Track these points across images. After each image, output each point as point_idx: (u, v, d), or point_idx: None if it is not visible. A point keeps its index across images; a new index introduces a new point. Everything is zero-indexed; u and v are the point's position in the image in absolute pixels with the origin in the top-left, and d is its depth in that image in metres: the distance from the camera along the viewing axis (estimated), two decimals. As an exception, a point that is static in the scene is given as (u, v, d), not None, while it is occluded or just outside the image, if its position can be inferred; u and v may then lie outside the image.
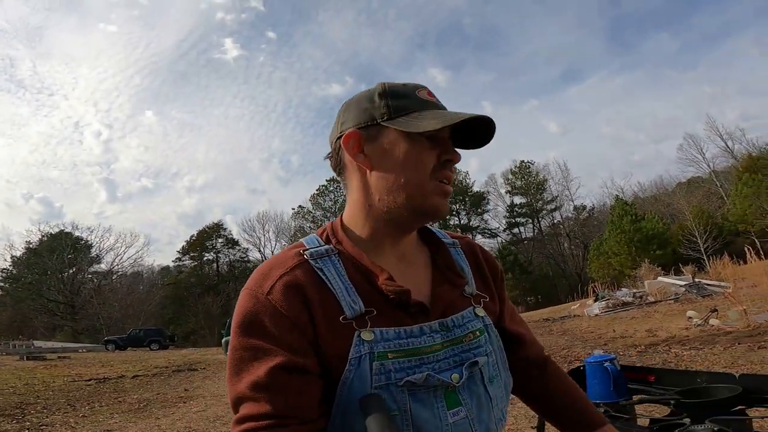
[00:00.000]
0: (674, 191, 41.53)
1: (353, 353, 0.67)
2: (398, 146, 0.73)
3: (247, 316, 0.68)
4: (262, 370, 0.65)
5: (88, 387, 9.79)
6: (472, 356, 0.74)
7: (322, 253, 0.74)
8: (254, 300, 0.69)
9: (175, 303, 44.90)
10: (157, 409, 7.18)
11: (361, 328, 0.68)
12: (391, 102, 0.74)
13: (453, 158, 0.75)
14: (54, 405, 7.51)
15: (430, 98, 0.76)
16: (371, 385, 0.66)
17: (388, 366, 0.67)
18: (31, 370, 12.78)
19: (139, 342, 27.17)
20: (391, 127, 0.72)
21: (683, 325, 9.92)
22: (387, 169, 0.73)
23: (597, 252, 35.20)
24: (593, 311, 16.27)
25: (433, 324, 0.72)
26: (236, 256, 50.88)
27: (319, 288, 0.70)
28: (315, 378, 0.67)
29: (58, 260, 41.68)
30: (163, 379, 11.32)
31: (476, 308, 0.79)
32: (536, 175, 49.69)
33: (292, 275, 0.70)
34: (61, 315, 41.17)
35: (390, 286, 0.70)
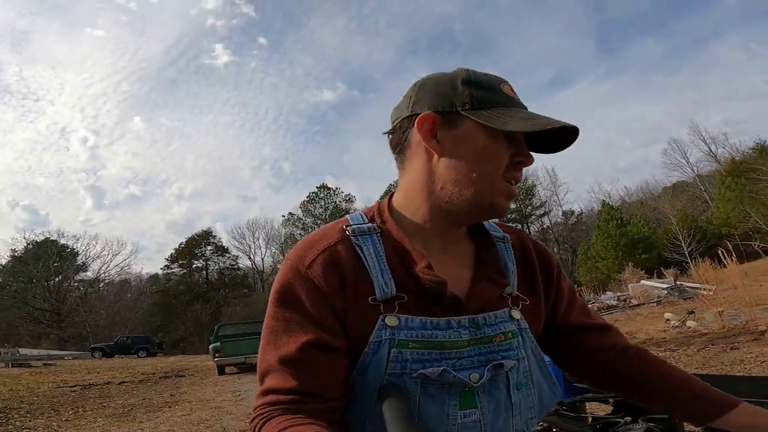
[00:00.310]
0: (660, 196, 42.19)
1: (374, 337, 0.66)
2: (476, 139, 0.69)
3: (285, 287, 0.69)
4: (293, 344, 0.65)
5: (73, 393, 9.75)
6: (500, 358, 0.70)
7: (364, 231, 0.73)
8: (294, 272, 0.69)
9: (163, 310, 44.48)
10: (141, 414, 7.21)
11: (387, 312, 0.67)
12: (475, 92, 0.70)
13: (526, 161, 0.72)
14: (38, 410, 7.50)
15: (513, 95, 0.73)
16: (385, 371, 0.66)
17: (405, 355, 0.66)
18: (16, 376, 12.65)
19: (127, 349, 26.97)
20: (472, 118, 0.68)
21: (662, 327, 10.17)
22: (459, 159, 0.70)
23: (585, 256, 35.61)
24: (578, 315, 16.46)
25: (462, 319, 0.70)
26: (226, 263, 50.65)
27: (355, 265, 0.69)
28: (342, 357, 0.67)
29: (43, 268, 41.15)
30: (150, 385, 11.30)
31: (512, 310, 0.74)
32: (525, 180, 50.20)
33: (333, 251, 0.70)
34: (47, 323, 40.56)
35: (427, 275, 0.68)
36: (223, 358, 12.72)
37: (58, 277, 42.89)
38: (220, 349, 12.75)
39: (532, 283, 0.80)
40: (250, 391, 8.96)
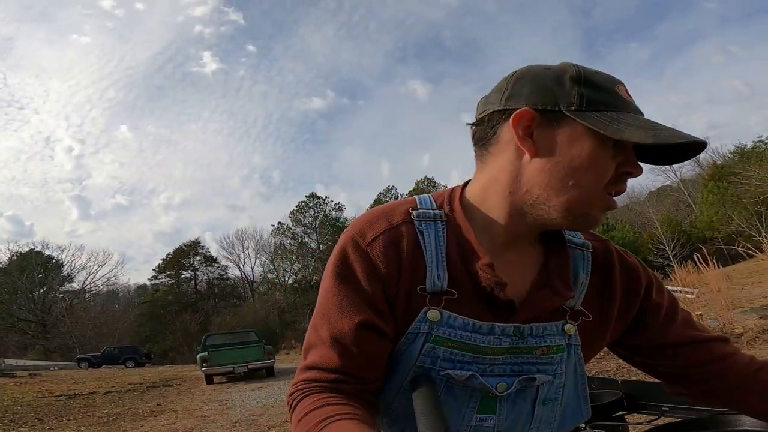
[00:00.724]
0: (645, 200, 42.87)
1: (413, 328, 0.65)
2: (581, 144, 0.62)
3: (344, 261, 0.66)
4: (345, 323, 0.64)
5: (57, 402, 9.67)
6: (535, 371, 0.68)
7: (430, 217, 0.69)
8: (354, 247, 0.67)
9: (151, 321, 43.97)
10: (125, 423, 7.20)
11: (433, 305, 0.65)
12: (586, 91, 0.63)
13: (634, 172, 0.65)
14: (21, 419, 7.45)
15: (628, 97, 0.66)
16: (415, 363, 0.65)
17: (438, 352, 0.65)
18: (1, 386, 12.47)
19: (114, 360, 26.58)
20: (580, 120, 0.61)
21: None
22: (556, 163, 0.63)
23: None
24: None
25: (507, 327, 0.66)
26: (215, 273, 50.25)
27: (414, 253, 0.66)
28: (388, 342, 0.66)
29: (28, 279, 40.53)
30: (137, 394, 11.23)
31: (567, 324, 0.69)
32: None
33: (396, 232, 0.67)
34: (33, 334, 39.87)
35: (487, 273, 0.65)
36: (211, 368, 12.68)
37: (43, 289, 42.26)
38: (208, 358, 12.71)
39: (605, 300, 0.74)
40: (237, 400, 8.96)
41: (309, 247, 49.79)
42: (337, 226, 49.69)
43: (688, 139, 0.59)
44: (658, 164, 0.69)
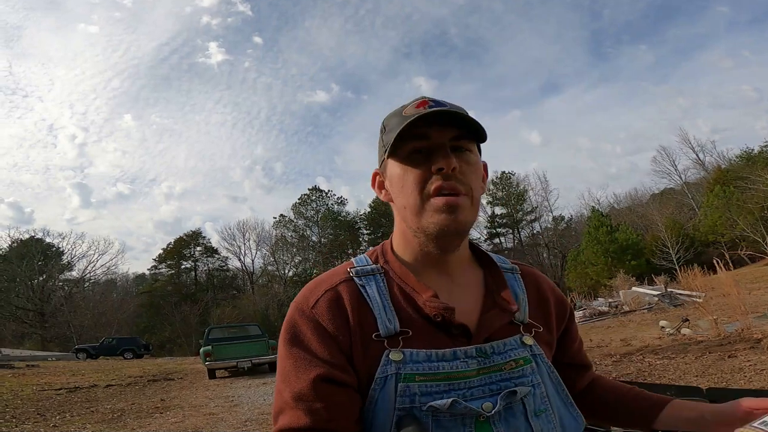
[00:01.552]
0: (648, 203, 42.70)
1: (380, 372, 0.67)
2: (393, 173, 0.74)
3: (292, 328, 0.71)
4: (303, 380, 0.66)
5: (58, 396, 9.46)
6: (512, 385, 0.69)
7: (368, 272, 0.75)
8: (300, 312, 0.72)
9: (150, 311, 43.76)
10: (132, 420, 6.99)
11: (392, 347, 0.67)
12: (384, 136, 0.76)
13: (442, 165, 0.69)
14: (23, 414, 7.23)
15: (415, 111, 0.71)
16: (395, 407, 0.65)
17: (413, 389, 0.65)
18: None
19: (112, 351, 26.27)
20: (387, 159, 0.75)
21: (656, 334, 10.21)
22: (395, 198, 0.75)
23: (574, 262, 35.85)
24: (571, 320, 16.53)
25: (469, 349, 0.69)
26: (215, 264, 50.08)
27: (359, 305, 0.71)
28: (353, 392, 0.67)
29: (27, 267, 40.25)
30: (138, 389, 11.02)
31: (524, 336, 0.75)
32: (517, 185, 50.54)
33: (336, 291, 0.72)
34: (30, 323, 39.64)
35: (433, 303, 0.69)
36: (214, 362, 12.46)
37: (42, 277, 42.00)
38: (211, 352, 12.49)
39: (545, 312, 0.82)
40: (244, 397, 8.77)
41: (310, 241, 49.62)
42: (339, 220, 49.53)
43: (415, 116, 0.69)
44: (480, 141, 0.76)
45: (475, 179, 0.73)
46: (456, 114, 0.70)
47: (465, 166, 0.71)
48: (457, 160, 0.70)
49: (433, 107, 0.71)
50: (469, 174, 0.72)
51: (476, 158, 0.75)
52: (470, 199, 0.72)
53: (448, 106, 0.73)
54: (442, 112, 0.69)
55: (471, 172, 0.72)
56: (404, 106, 0.75)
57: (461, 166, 0.70)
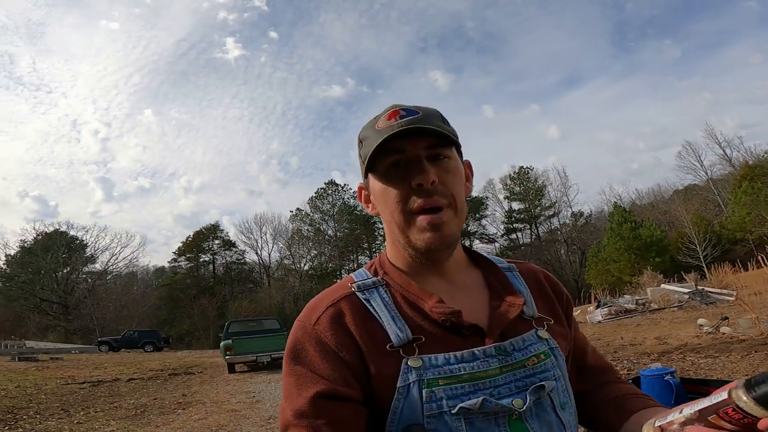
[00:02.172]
0: (671, 198, 41.59)
1: (401, 381, 0.65)
2: (376, 188, 0.73)
3: (294, 345, 0.71)
4: (303, 397, 0.66)
5: (81, 390, 9.48)
6: (538, 380, 0.69)
7: (369, 285, 0.74)
8: (302, 330, 0.71)
9: (170, 304, 44.39)
10: (155, 416, 6.89)
11: (408, 355, 0.66)
12: (362, 151, 0.75)
13: (421, 181, 0.69)
14: (47, 410, 7.20)
15: (387, 123, 0.71)
16: (423, 413, 0.64)
17: (439, 393, 0.64)
18: (23, 371, 12.45)
19: (134, 343, 26.61)
20: (369, 174, 0.74)
21: (693, 332, 9.79)
22: (382, 213, 0.75)
23: (595, 258, 35.10)
24: (596, 318, 16.13)
25: (488, 348, 0.68)
26: (233, 257, 50.49)
27: (364, 318, 0.70)
28: (357, 406, 0.66)
29: (52, 260, 41.14)
30: (160, 383, 11.01)
31: (539, 330, 0.74)
32: (535, 180, 49.72)
33: (338, 307, 0.71)
34: (54, 315, 40.57)
35: (439, 309, 0.69)
36: (234, 356, 12.36)
37: (66, 269, 42.92)
38: (232, 346, 12.40)
39: (549, 303, 0.81)
40: (265, 392, 8.65)
41: (326, 235, 49.67)
42: (355, 214, 49.42)
43: (392, 132, 0.68)
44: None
45: (456, 185, 0.72)
46: (424, 128, 0.69)
47: (444, 174, 0.71)
48: (436, 170, 0.70)
49: (405, 117, 0.70)
50: (449, 182, 0.71)
51: (455, 164, 0.74)
52: (453, 209, 0.71)
53: (421, 114, 0.71)
54: (410, 129, 0.68)
55: (451, 179, 0.71)
56: (377, 117, 0.74)
57: (440, 176, 0.70)
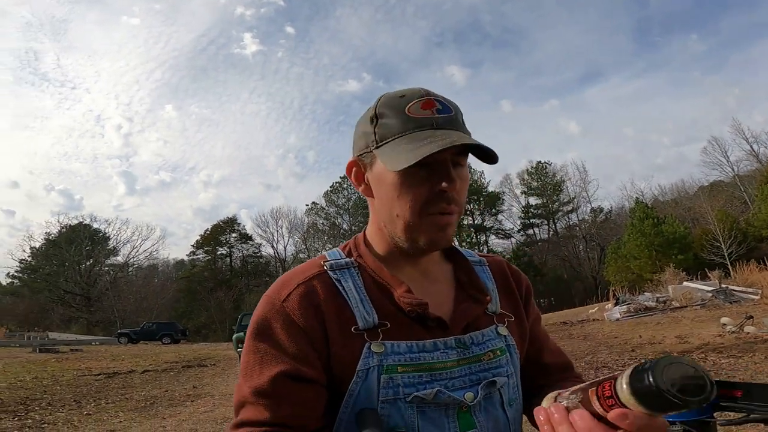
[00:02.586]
0: (695, 195, 40.39)
1: (361, 365, 0.65)
2: (387, 176, 0.69)
3: (260, 321, 0.69)
4: (266, 375, 0.65)
5: (96, 382, 9.65)
6: (491, 376, 0.70)
7: (342, 265, 0.74)
8: (270, 306, 0.69)
9: (188, 297, 45.16)
10: (163, 408, 6.95)
11: (372, 339, 0.67)
12: (378, 128, 0.70)
13: (448, 189, 0.67)
14: (59, 401, 7.34)
15: (422, 113, 0.67)
16: (378, 398, 0.64)
17: (396, 380, 0.65)
18: (42, 363, 12.79)
19: (152, 335, 27.08)
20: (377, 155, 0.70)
21: (715, 331, 9.45)
22: (382, 199, 0.71)
23: (615, 255, 34.32)
24: (614, 315, 15.74)
25: (448, 340, 0.69)
26: (249, 251, 51.05)
27: (334, 298, 0.69)
28: (320, 388, 0.66)
29: (76, 252, 42.20)
30: (173, 375, 11.16)
31: (499, 327, 0.75)
32: (553, 176, 48.83)
33: (309, 285, 0.70)
34: (77, 307, 41.66)
35: (407, 299, 0.69)
36: (247, 350, 12.43)
37: (89, 261, 44.01)
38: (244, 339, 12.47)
39: (513, 301, 0.82)
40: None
41: (341, 229, 49.79)
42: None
43: (443, 146, 0.63)
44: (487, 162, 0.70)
45: (465, 193, 0.72)
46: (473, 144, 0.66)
47: (460, 183, 0.70)
48: (455, 177, 0.69)
49: (441, 113, 0.68)
50: (462, 191, 0.71)
51: (467, 171, 0.73)
52: (458, 215, 0.71)
53: (453, 113, 0.70)
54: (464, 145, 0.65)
55: (463, 189, 0.71)
56: (403, 96, 0.69)
57: (458, 183, 0.69)
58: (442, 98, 0.70)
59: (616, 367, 7.00)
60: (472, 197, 49.50)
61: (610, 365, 7.25)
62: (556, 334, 12.90)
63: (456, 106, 0.72)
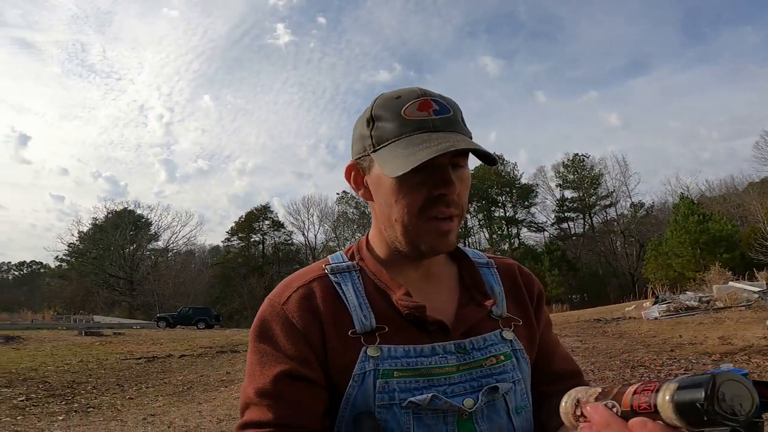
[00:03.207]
0: (745, 191, 38.15)
1: (358, 369, 0.65)
2: (385, 181, 0.68)
3: (262, 322, 0.70)
4: (267, 376, 0.66)
5: (137, 366, 10.12)
6: (493, 381, 0.68)
7: (343, 269, 0.74)
8: (271, 308, 0.71)
9: (222, 282, 46.57)
10: (199, 393, 7.21)
11: (369, 343, 0.66)
12: (374, 132, 0.68)
13: (447, 192, 0.65)
14: (103, 385, 7.74)
15: (418, 115, 0.66)
16: (374, 403, 0.64)
17: (392, 385, 0.64)
18: (88, 346, 13.50)
19: (188, 320, 27.84)
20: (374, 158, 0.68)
21: (761, 333, 8.98)
22: (381, 203, 0.70)
23: (655, 252, 32.98)
24: (652, 314, 15.16)
25: (447, 345, 0.68)
26: (281, 238, 52.03)
27: (333, 301, 0.69)
28: (320, 390, 0.66)
29: (120, 236, 44.19)
30: (207, 360, 11.54)
31: (504, 331, 0.73)
32: (591, 169, 47.17)
33: (309, 288, 0.71)
34: (120, 290, 43.74)
35: (404, 302, 0.67)
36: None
37: (132, 246, 46.01)
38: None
39: (522, 304, 0.79)
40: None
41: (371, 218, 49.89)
42: (400, 201, 49.18)
43: (437, 153, 0.61)
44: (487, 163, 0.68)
45: (466, 196, 0.71)
46: (470, 149, 0.64)
47: (461, 185, 0.68)
48: (455, 180, 0.67)
49: (439, 114, 0.66)
50: (464, 194, 0.70)
51: (468, 173, 0.71)
52: (459, 219, 0.70)
53: (451, 113, 0.68)
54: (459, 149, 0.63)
55: (465, 190, 0.70)
56: (399, 97, 0.68)
57: (458, 186, 0.67)
58: (439, 97, 0.68)
59: (653, 367, 6.76)
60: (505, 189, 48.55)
61: (647, 364, 7.00)
62: (588, 331, 12.57)
63: (455, 104, 0.70)
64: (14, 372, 8.34)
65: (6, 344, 12.74)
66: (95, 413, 5.66)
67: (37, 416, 5.34)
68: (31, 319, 25.20)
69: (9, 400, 6.11)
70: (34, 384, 7.39)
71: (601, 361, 7.50)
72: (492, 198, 49.64)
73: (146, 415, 5.58)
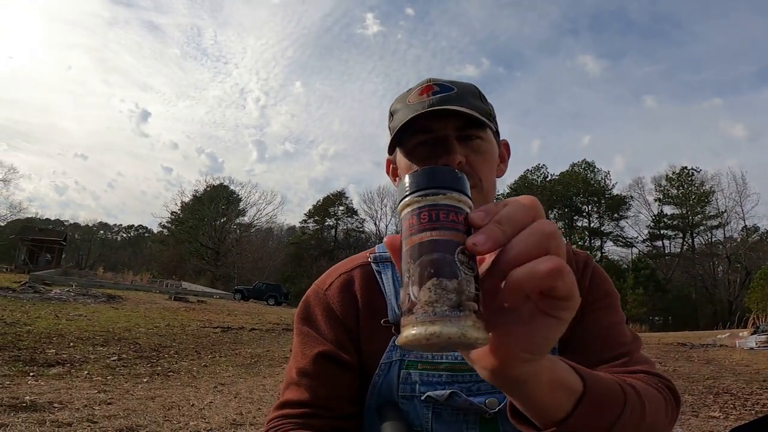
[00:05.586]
0: None
1: (385, 358, 0.67)
2: (402, 163, 0.73)
3: (306, 307, 0.74)
4: (307, 356, 0.69)
5: (214, 334, 11.02)
6: None
7: (386, 258, 0.75)
8: (314, 293, 0.75)
9: (294, 262, 48.95)
10: (264, 367, 7.66)
11: (398, 333, 0.60)
12: (391, 124, 0.76)
13: (448, 162, 0.66)
14: (184, 351, 8.52)
15: (418, 98, 0.70)
16: (397, 393, 0.65)
17: (414, 377, 0.65)
18: (175, 311, 14.90)
19: (260, 295, 29.15)
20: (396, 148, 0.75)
21: None
22: None
23: (764, 281, 29.07)
24: (749, 344, 13.46)
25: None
26: (353, 225, 53.46)
27: (370, 290, 0.72)
28: (354, 374, 0.68)
29: (214, 209, 48.24)
30: (274, 336, 12.27)
31: None
32: (700, 184, 42.46)
33: (350, 275, 0.74)
34: (207, 260, 47.76)
35: None
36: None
37: (223, 219, 49.96)
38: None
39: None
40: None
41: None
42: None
43: (428, 109, 0.66)
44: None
45: (484, 167, 0.70)
46: (451, 110, 0.66)
47: (473, 155, 0.69)
48: (465, 151, 0.68)
49: (438, 93, 0.69)
50: (477, 163, 0.69)
51: (488, 145, 0.71)
52: (480, 191, 0.69)
53: (455, 91, 0.70)
54: (439, 110, 0.67)
55: (480, 161, 0.69)
56: (411, 90, 0.74)
57: (469, 157, 0.68)
58: (447, 82, 0.71)
59: (740, 395, 6.03)
60: (592, 198, 45.43)
61: (734, 392, 6.27)
62: (670, 354, 11.54)
63: (465, 85, 0.72)
64: (111, 331, 9.30)
65: (108, 303, 13.94)
66: (174, 377, 6.26)
67: (125, 377, 5.91)
68: (131, 280, 27.94)
69: (103, 359, 6.84)
70: (126, 345, 8.23)
71: (681, 385, 6.82)
72: (576, 206, 46.74)
73: (217, 383, 6.06)
